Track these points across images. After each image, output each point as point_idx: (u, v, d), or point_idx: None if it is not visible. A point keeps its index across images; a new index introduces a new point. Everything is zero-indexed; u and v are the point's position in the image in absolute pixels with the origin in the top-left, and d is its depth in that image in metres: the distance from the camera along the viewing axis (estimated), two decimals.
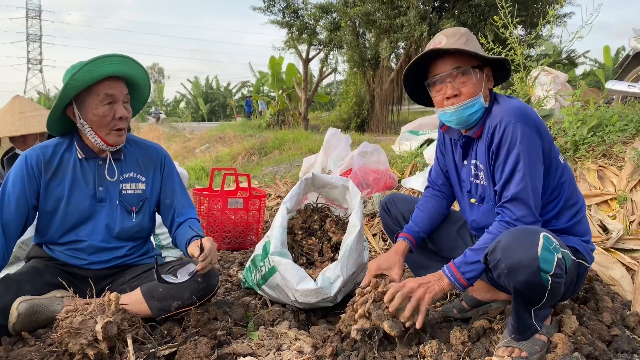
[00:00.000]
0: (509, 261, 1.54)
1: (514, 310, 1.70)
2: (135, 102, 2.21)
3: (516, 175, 1.72)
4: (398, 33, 14.36)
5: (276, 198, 5.17)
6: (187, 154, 13.21)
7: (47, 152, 2.11)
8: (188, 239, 2.10)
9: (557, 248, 1.55)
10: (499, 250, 1.58)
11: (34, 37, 61.88)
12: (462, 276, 1.74)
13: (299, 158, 8.84)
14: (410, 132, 5.90)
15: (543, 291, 1.55)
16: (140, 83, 2.15)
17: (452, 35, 1.85)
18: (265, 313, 2.23)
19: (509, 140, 1.73)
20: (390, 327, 1.73)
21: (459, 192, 2.12)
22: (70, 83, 1.95)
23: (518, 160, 1.71)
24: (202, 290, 2.04)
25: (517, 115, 1.74)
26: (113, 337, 1.76)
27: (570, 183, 1.88)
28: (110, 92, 2.02)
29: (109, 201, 2.15)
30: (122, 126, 2.08)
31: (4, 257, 1.98)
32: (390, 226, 2.35)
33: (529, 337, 1.71)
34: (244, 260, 3.28)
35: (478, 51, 1.82)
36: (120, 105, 2.05)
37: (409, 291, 1.75)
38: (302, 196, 2.55)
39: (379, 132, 15.61)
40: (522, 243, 1.54)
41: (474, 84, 1.82)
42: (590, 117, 3.63)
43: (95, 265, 2.16)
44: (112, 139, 2.08)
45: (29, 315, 1.91)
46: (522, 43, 4.13)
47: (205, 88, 41.17)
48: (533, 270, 1.51)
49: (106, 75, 2.01)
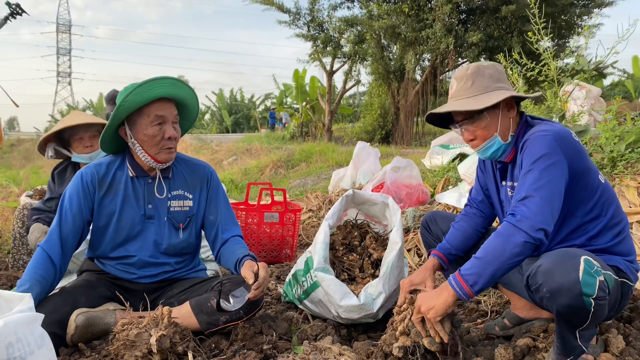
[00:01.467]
0: (550, 285, 1.55)
1: (557, 333, 1.71)
2: (184, 122, 2.30)
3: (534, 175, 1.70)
4: (423, 45, 14.37)
5: (307, 212, 5.22)
6: (215, 165, 13.38)
7: (101, 170, 2.22)
8: (239, 258, 2.15)
9: (598, 271, 1.55)
10: (540, 274, 1.59)
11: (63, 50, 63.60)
12: (470, 288, 1.67)
13: (326, 170, 8.90)
14: (441, 146, 5.91)
15: (586, 314, 1.56)
16: (189, 104, 2.24)
17: (460, 79, 1.96)
18: (308, 328, 2.27)
19: (531, 151, 1.76)
20: (429, 343, 1.76)
21: (499, 213, 2.14)
22: (123, 105, 2.05)
23: (535, 167, 1.71)
24: (249, 305, 2.09)
25: (551, 132, 1.77)
26: (166, 350, 1.82)
27: (612, 202, 1.87)
28: (161, 113, 2.11)
29: (157, 218, 2.23)
30: (171, 145, 2.16)
31: (61, 269, 2.08)
32: (430, 243, 2.37)
33: (576, 358, 1.71)
34: (280, 274, 3.32)
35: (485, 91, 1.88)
36: (169, 126, 2.14)
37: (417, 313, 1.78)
38: (342, 212, 2.60)
39: (404, 144, 15.58)
40: (563, 267, 1.55)
41: (485, 127, 1.91)
42: (628, 132, 3.59)
43: (144, 279, 2.24)
44: (162, 157, 2.16)
45: (85, 327, 1.99)
46: (555, 59, 4.11)
47: (229, 100, 41.66)
48: (575, 294, 1.52)
49: (157, 97, 2.10)
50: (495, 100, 1.84)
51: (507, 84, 1.96)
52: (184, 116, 2.27)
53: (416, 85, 16.35)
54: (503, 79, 1.95)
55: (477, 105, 1.85)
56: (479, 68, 1.93)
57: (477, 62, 1.98)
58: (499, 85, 1.91)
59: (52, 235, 2.09)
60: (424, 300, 1.77)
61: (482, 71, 1.92)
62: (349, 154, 5.75)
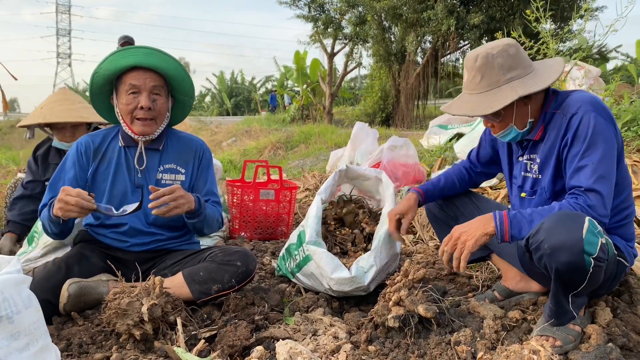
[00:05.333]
0: (553, 242, 1.56)
1: (552, 294, 1.72)
2: (180, 96, 2.29)
3: (591, 166, 1.71)
4: (425, 27, 14.26)
5: (305, 190, 5.23)
6: (214, 147, 13.38)
7: (97, 139, 2.26)
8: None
9: (601, 233, 1.57)
10: (542, 231, 1.60)
11: (63, 31, 63.19)
12: (509, 228, 1.72)
13: (325, 152, 8.89)
14: (439, 126, 5.89)
15: (584, 275, 1.57)
16: (173, 75, 2.20)
17: (469, 70, 1.91)
18: (300, 300, 2.30)
19: (585, 130, 1.73)
20: (425, 310, 1.78)
21: (509, 188, 2.16)
22: (97, 72, 2.11)
23: (594, 152, 1.71)
24: (241, 274, 2.12)
25: (592, 106, 1.76)
26: (157, 319, 1.84)
27: (627, 187, 1.89)
28: (135, 82, 2.11)
29: (146, 189, 2.23)
30: (144, 116, 2.13)
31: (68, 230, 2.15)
32: (436, 214, 2.40)
33: (566, 322, 1.73)
34: (275, 250, 3.35)
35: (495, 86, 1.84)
36: (144, 96, 2.12)
37: (454, 241, 1.81)
38: (336, 187, 2.60)
39: (404, 127, 15.54)
40: (567, 224, 1.56)
41: (501, 120, 1.90)
42: (625, 112, 3.59)
43: (136, 247, 2.25)
44: (136, 128, 2.16)
45: (78, 297, 2.01)
46: (554, 37, 4.09)
47: (230, 82, 41.46)
48: (577, 251, 1.52)
49: (129, 65, 2.11)
50: (503, 103, 1.79)
51: (521, 67, 1.85)
52: (177, 89, 2.26)
53: (417, 68, 16.27)
54: (516, 64, 1.84)
55: (485, 108, 1.82)
56: (487, 59, 1.83)
57: (486, 48, 1.86)
58: (510, 77, 1.83)
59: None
60: (462, 229, 1.81)
61: (491, 63, 1.83)
62: (348, 136, 5.74)
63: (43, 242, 2.55)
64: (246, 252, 2.21)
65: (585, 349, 1.69)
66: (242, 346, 1.77)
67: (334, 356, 1.74)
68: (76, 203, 1.90)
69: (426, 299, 1.87)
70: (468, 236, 1.77)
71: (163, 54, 2.14)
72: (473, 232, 1.77)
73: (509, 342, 1.77)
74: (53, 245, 2.55)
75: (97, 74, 2.11)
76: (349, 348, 1.78)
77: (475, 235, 1.76)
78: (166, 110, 2.24)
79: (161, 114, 2.20)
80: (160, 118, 2.21)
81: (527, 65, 1.87)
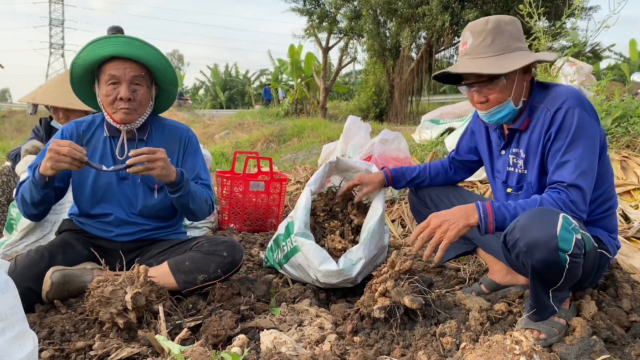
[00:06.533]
0: (527, 239, 1.55)
1: (531, 290, 1.72)
2: (163, 84, 2.25)
3: (573, 161, 1.70)
4: (420, 22, 14.26)
5: (296, 183, 5.22)
6: (206, 139, 13.33)
7: (81, 126, 2.23)
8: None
9: (576, 229, 1.56)
10: (517, 229, 1.59)
11: (56, 21, 62.44)
12: (493, 220, 1.70)
13: (317, 145, 8.87)
14: (431, 121, 5.89)
15: (561, 271, 1.57)
16: (154, 65, 2.15)
17: (477, 34, 1.83)
18: (286, 291, 2.29)
19: (569, 125, 1.73)
20: (411, 301, 1.77)
21: (492, 183, 2.14)
22: (76, 62, 2.07)
23: (577, 147, 1.71)
24: (227, 265, 2.10)
25: (577, 101, 1.75)
26: (141, 308, 1.82)
27: (609, 179, 1.89)
28: (114, 72, 2.06)
29: (131, 178, 2.21)
30: (125, 106, 2.09)
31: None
32: (417, 208, 2.41)
33: (547, 317, 1.73)
34: (264, 242, 3.33)
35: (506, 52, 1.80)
36: (124, 87, 2.08)
37: (431, 229, 1.75)
38: (325, 179, 2.59)
39: (398, 123, 15.54)
40: (541, 222, 1.56)
41: (501, 90, 1.82)
42: (615, 107, 3.60)
43: (122, 237, 2.23)
44: (117, 116, 2.12)
45: (61, 285, 1.98)
46: (546, 33, 4.09)
47: (224, 75, 41.30)
48: (551, 248, 1.53)
49: (106, 55, 2.06)
50: (519, 64, 1.75)
51: (524, 42, 1.87)
52: (160, 78, 2.22)
53: (411, 64, 16.27)
54: (522, 37, 1.86)
55: (500, 68, 1.76)
56: (499, 23, 1.81)
57: (496, 16, 1.84)
58: (519, 45, 1.82)
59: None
60: (444, 217, 1.74)
61: (502, 28, 1.80)
62: (341, 130, 5.71)
63: (21, 226, 2.52)
64: (233, 243, 2.20)
65: (570, 342, 1.70)
66: (226, 336, 1.76)
67: (319, 346, 1.73)
68: (68, 152, 1.87)
69: (412, 290, 1.86)
70: (450, 225, 1.72)
71: (143, 43, 2.08)
72: (455, 221, 1.72)
73: (493, 334, 1.77)
74: (30, 227, 2.51)
75: (76, 63, 2.08)
76: (334, 338, 1.77)
77: (458, 225, 1.71)
78: (148, 100, 2.19)
79: (142, 104, 2.15)
80: (142, 108, 2.16)
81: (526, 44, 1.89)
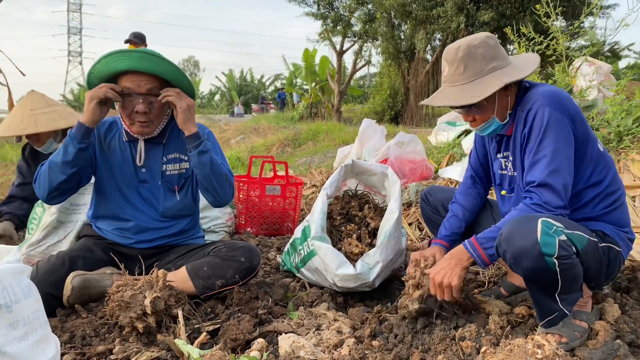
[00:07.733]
0: (512, 250, 1.58)
1: (531, 298, 1.74)
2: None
3: (544, 160, 1.71)
4: (434, 24, 14.17)
5: (311, 187, 5.21)
6: (222, 144, 13.39)
7: (102, 128, 2.25)
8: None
9: (558, 231, 1.55)
10: (502, 242, 1.62)
11: (74, 30, 63.38)
12: (484, 252, 1.73)
13: (332, 149, 8.87)
14: (447, 123, 5.85)
15: (553, 275, 1.56)
16: (170, 79, 2.13)
17: (451, 63, 1.87)
18: (304, 295, 2.28)
19: (539, 124, 1.73)
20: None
21: (494, 186, 2.15)
22: (92, 73, 2.09)
23: (547, 145, 1.71)
24: (245, 270, 2.11)
25: (547, 100, 1.75)
26: (160, 312, 1.84)
27: (609, 172, 1.86)
28: (129, 85, 2.06)
29: (152, 182, 2.23)
30: (141, 120, 2.10)
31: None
32: (429, 215, 2.39)
33: (557, 322, 1.71)
34: (281, 246, 3.34)
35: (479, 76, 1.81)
36: (140, 100, 2.07)
37: (437, 288, 1.79)
38: (341, 182, 2.58)
39: (413, 125, 15.47)
40: (521, 231, 1.57)
41: (483, 111, 1.87)
42: (636, 107, 3.54)
43: (141, 244, 2.25)
44: (135, 129, 2.14)
45: (81, 290, 2.01)
46: (564, 33, 4.04)
47: (239, 81, 41.48)
48: (535, 255, 1.53)
49: (121, 69, 2.06)
50: (490, 91, 1.77)
51: (501, 58, 1.85)
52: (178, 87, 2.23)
53: (427, 65, 16.18)
54: (496, 54, 1.84)
55: (472, 98, 1.80)
56: (469, 49, 1.82)
57: (467, 40, 1.85)
58: (493, 66, 1.82)
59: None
60: (437, 273, 1.78)
61: (473, 53, 1.82)
62: (356, 133, 5.71)
63: (42, 224, 2.54)
64: (250, 248, 2.20)
65: (593, 346, 1.67)
66: (245, 340, 1.77)
67: (337, 350, 1.73)
68: (105, 85, 2.02)
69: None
70: (449, 277, 1.75)
71: (158, 57, 2.05)
72: (452, 268, 1.76)
73: (514, 338, 1.75)
74: (53, 225, 2.52)
75: (92, 74, 2.10)
76: (352, 342, 1.76)
77: (456, 272, 1.75)
78: (165, 110, 2.19)
79: (159, 116, 2.16)
80: (159, 119, 2.17)
81: (505, 57, 1.88)
